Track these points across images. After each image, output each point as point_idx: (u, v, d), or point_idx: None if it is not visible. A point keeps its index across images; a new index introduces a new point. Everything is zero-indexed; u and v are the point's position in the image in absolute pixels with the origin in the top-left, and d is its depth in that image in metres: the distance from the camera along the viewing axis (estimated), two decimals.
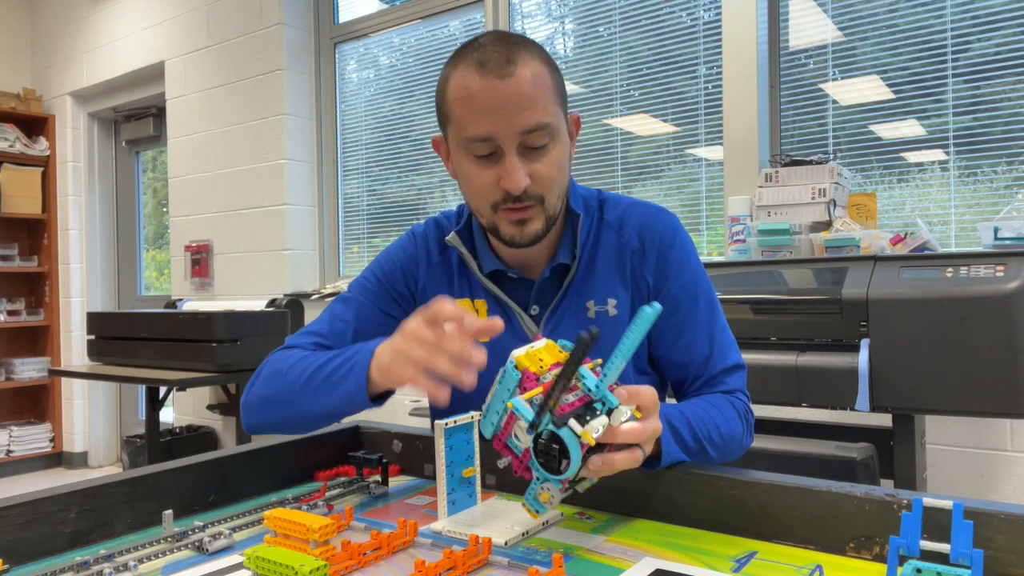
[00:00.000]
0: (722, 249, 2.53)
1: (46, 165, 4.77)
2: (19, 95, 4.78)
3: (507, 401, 0.74)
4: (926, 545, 0.63)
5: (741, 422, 1.01)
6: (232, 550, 0.79)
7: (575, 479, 0.73)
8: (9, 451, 4.57)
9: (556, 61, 1.02)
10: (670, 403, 0.95)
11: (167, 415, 4.02)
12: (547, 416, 0.71)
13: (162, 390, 3.43)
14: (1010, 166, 2.08)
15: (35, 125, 4.80)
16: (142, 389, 4.19)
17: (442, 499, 0.86)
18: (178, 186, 4.06)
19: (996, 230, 1.76)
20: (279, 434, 1.05)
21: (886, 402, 1.58)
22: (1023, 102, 2.07)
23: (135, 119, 4.62)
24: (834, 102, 2.35)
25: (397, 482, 1.05)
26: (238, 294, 3.77)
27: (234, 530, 0.83)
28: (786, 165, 2.11)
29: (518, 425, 0.74)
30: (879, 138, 2.28)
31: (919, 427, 1.70)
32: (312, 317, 3.39)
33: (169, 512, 0.82)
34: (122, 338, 3.37)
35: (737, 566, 0.72)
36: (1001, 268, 1.50)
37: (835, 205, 2.05)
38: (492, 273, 1.10)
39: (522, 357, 0.76)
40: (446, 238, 1.11)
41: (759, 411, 1.31)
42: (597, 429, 0.70)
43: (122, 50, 4.36)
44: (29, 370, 4.71)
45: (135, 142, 4.75)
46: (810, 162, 2.08)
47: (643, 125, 2.76)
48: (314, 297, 3.45)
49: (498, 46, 0.95)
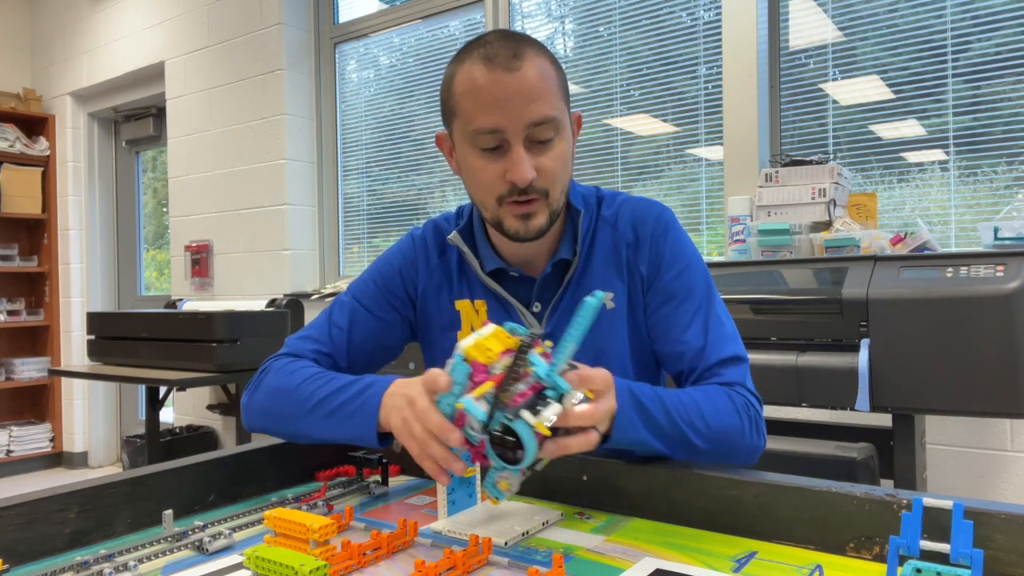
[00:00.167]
0: (722, 249, 2.53)
1: (46, 165, 4.77)
2: (19, 95, 4.78)
3: (459, 395, 0.73)
4: (926, 545, 0.63)
5: (739, 416, 0.95)
6: (232, 550, 0.79)
7: (533, 463, 0.74)
8: (9, 451, 4.57)
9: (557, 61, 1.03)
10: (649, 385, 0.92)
11: (167, 415, 4.02)
12: (501, 410, 0.71)
13: (162, 390, 3.43)
14: (1010, 166, 2.08)
15: (35, 125, 4.80)
16: (142, 389, 4.19)
17: (442, 499, 0.86)
18: (178, 186, 4.06)
19: (996, 230, 1.76)
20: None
21: (886, 402, 1.58)
22: (1023, 102, 2.07)
23: (135, 119, 4.62)
24: (834, 102, 2.35)
25: (397, 482, 1.05)
26: (238, 294, 3.77)
27: (234, 530, 0.83)
28: (786, 165, 2.11)
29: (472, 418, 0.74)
30: (879, 138, 2.28)
31: (919, 427, 1.70)
32: (312, 317, 3.40)
33: (169, 512, 0.82)
34: (122, 338, 3.37)
35: (737, 566, 0.72)
36: (1001, 268, 1.50)
37: (835, 205, 2.05)
38: (493, 272, 1.10)
39: (471, 348, 0.75)
40: (448, 237, 1.12)
41: None
42: (550, 418, 0.70)
43: (122, 50, 4.36)
44: (29, 370, 4.71)
45: (135, 142, 4.75)
46: (810, 162, 2.08)
47: (643, 125, 2.75)
48: (314, 297, 3.45)
49: (504, 42, 0.96)
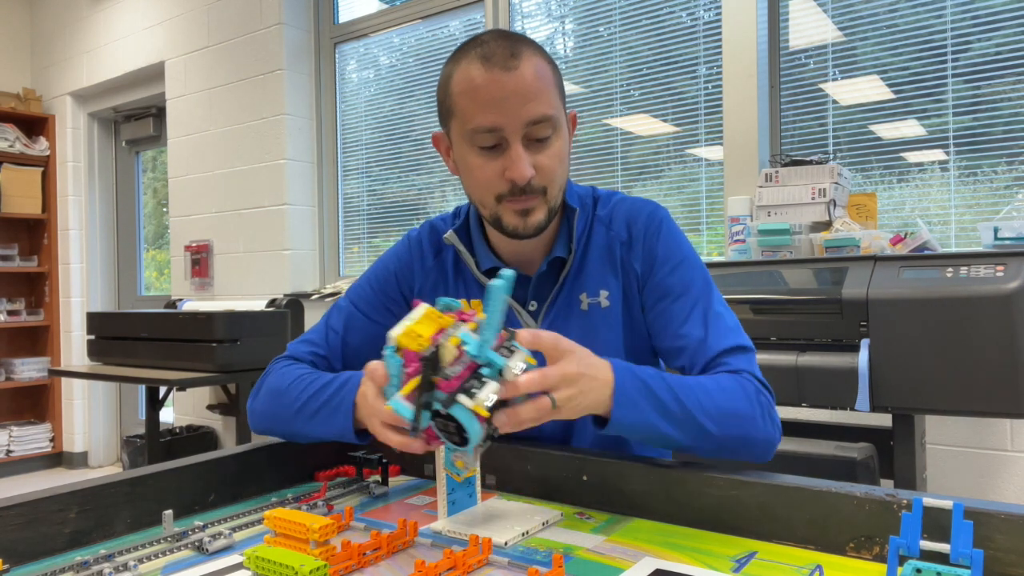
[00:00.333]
0: (722, 249, 2.53)
1: (46, 165, 4.77)
2: (19, 95, 4.78)
3: (397, 387, 0.72)
4: (926, 545, 0.63)
5: (750, 402, 0.92)
6: (232, 550, 0.79)
7: (486, 438, 0.73)
8: (9, 451, 4.57)
9: (556, 61, 1.03)
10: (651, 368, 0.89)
11: (167, 415, 4.02)
12: (436, 396, 0.70)
13: (162, 390, 3.43)
14: (1010, 166, 2.08)
15: (35, 125, 4.80)
16: (142, 389, 4.19)
17: (442, 499, 0.86)
18: (178, 186, 4.06)
19: (996, 230, 1.76)
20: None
21: (886, 402, 1.58)
22: (1023, 102, 2.07)
23: (135, 119, 4.62)
24: (834, 102, 2.35)
25: (397, 482, 1.05)
26: (238, 294, 3.77)
27: (234, 530, 0.83)
28: (786, 165, 2.11)
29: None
30: (879, 138, 2.28)
31: (919, 427, 1.70)
32: (312, 317, 3.41)
33: (169, 512, 0.82)
34: (122, 338, 3.37)
35: (737, 566, 0.72)
36: (1001, 268, 1.50)
37: (835, 205, 2.05)
38: (489, 271, 1.11)
39: (400, 336, 0.73)
40: (444, 236, 1.13)
41: None
42: (489, 397, 0.69)
43: (122, 50, 4.36)
44: (29, 370, 4.71)
45: (135, 142, 4.75)
46: (810, 162, 2.08)
47: (643, 125, 2.75)
48: (314, 297, 3.45)
49: (501, 41, 0.97)
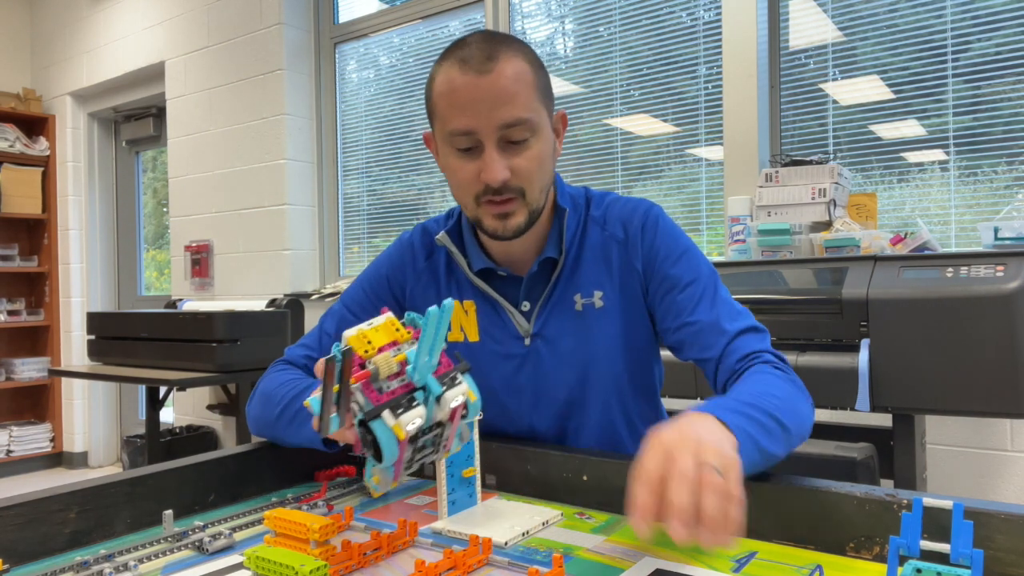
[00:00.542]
0: (722, 249, 2.53)
1: (46, 165, 4.77)
2: (19, 95, 4.78)
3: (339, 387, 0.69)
4: (926, 545, 0.63)
5: (799, 390, 0.92)
6: (232, 550, 0.79)
7: (409, 462, 0.71)
8: (9, 451, 4.57)
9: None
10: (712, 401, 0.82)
11: (167, 415, 4.02)
12: (363, 405, 0.68)
13: (162, 390, 3.42)
14: (1010, 166, 2.08)
15: (35, 125, 4.80)
16: (142, 389, 4.19)
17: (442, 499, 0.86)
18: (178, 186, 4.06)
19: (996, 230, 1.76)
20: None
21: (886, 402, 1.58)
22: (1023, 102, 2.07)
23: (135, 119, 4.61)
24: (834, 102, 2.35)
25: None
26: (238, 294, 3.77)
27: (234, 530, 0.83)
28: (786, 165, 2.11)
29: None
30: (879, 138, 2.28)
31: (919, 427, 1.70)
32: (312, 317, 3.41)
33: (169, 512, 0.82)
34: (122, 338, 3.37)
35: (737, 566, 0.72)
36: (1001, 268, 1.49)
37: (835, 205, 2.04)
38: (482, 272, 1.11)
39: (353, 337, 0.71)
40: (436, 237, 1.13)
41: None
42: (413, 421, 0.67)
43: (122, 50, 4.36)
44: (29, 370, 4.70)
45: (135, 142, 4.75)
46: (810, 162, 2.08)
47: (643, 125, 2.75)
48: (314, 297, 3.45)
49: (482, 44, 0.97)
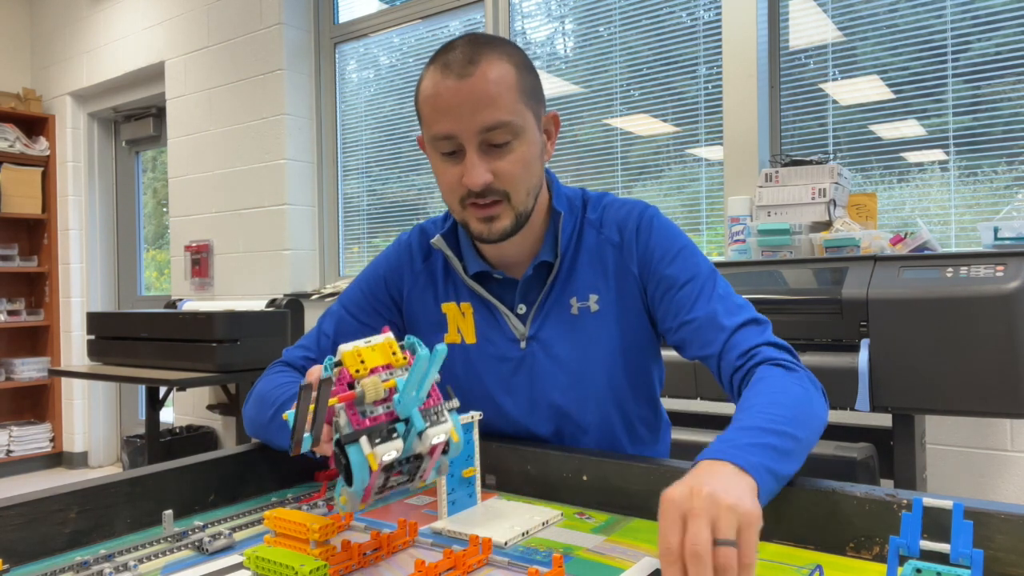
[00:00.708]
0: (722, 249, 2.53)
1: (46, 165, 4.77)
2: (19, 95, 4.78)
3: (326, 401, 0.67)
4: (926, 545, 0.63)
5: (806, 388, 0.88)
6: (232, 550, 0.79)
7: (380, 490, 0.70)
8: (9, 451, 4.57)
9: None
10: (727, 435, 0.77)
11: (167, 415, 4.02)
12: (343, 427, 0.66)
13: (162, 390, 3.42)
14: (1010, 166, 2.08)
15: (35, 125, 4.80)
16: (142, 389, 4.19)
17: (442, 499, 0.86)
18: (178, 186, 4.06)
19: (996, 230, 1.76)
20: None
21: (886, 402, 1.58)
22: (1023, 102, 2.07)
23: (135, 119, 4.62)
24: (834, 102, 2.35)
25: None
26: (238, 294, 3.77)
27: (234, 530, 0.83)
28: (786, 165, 2.11)
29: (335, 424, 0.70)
30: (879, 138, 2.28)
31: (919, 427, 1.70)
32: (312, 317, 3.41)
33: (169, 512, 0.82)
34: (122, 338, 3.37)
35: None
36: (1001, 268, 1.49)
37: (835, 205, 2.04)
38: (478, 275, 1.11)
39: (347, 353, 0.69)
40: (431, 241, 1.13)
41: None
42: (389, 453, 0.66)
43: (122, 50, 4.36)
44: (29, 370, 4.70)
45: (135, 142, 4.75)
46: (810, 162, 2.08)
47: (643, 125, 2.75)
48: (314, 297, 3.45)
49: (466, 48, 0.97)
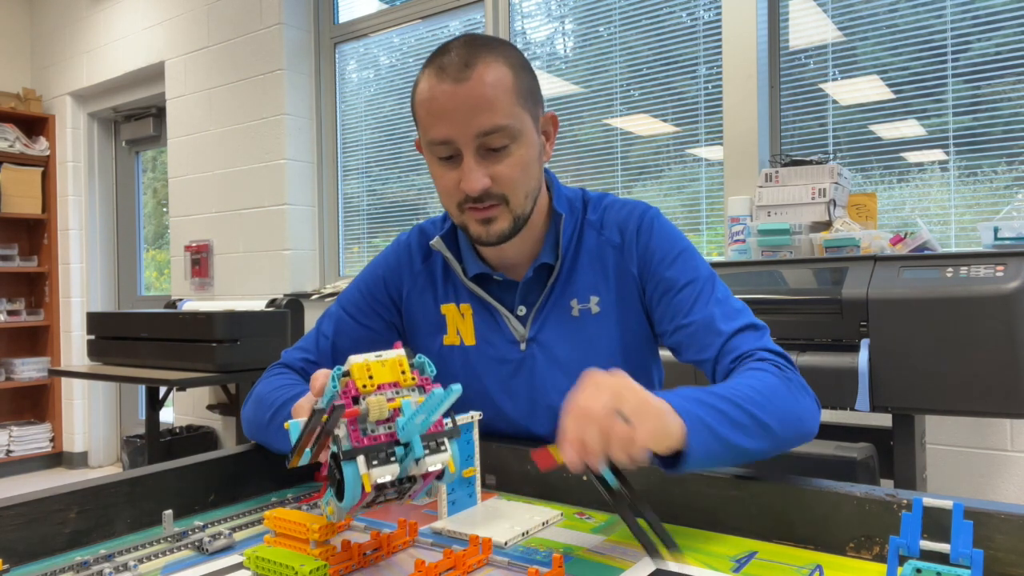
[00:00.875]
0: (722, 249, 2.53)
1: (46, 165, 4.77)
2: (19, 95, 4.78)
3: (324, 406, 0.66)
4: (926, 545, 0.63)
5: (790, 388, 0.89)
6: (232, 550, 0.79)
7: (373, 502, 0.69)
8: (9, 451, 4.57)
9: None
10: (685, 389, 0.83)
11: (167, 415, 4.02)
12: (342, 442, 0.65)
13: (162, 390, 3.42)
14: (1010, 166, 2.08)
15: (35, 125, 4.80)
16: (142, 389, 4.19)
17: (442, 499, 0.86)
18: (178, 186, 4.06)
19: (996, 230, 1.76)
20: None
21: (886, 402, 1.58)
22: (1023, 102, 2.07)
23: (135, 119, 4.62)
24: (834, 102, 2.35)
25: None
26: (238, 294, 3.77)
27: (234, 530, 0.83)
28: (786, 165, 2.11)
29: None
30: (879, 138, 2.28)
31: (919, 427, 1.70)
32: (312, 317, 3.41)
33: (169, 512, 0.82)
34: (122, 338, 3.37)
35: (737, 566, 0.72)
36: (1001, 268, 1.49)
37: (835, 205, 2.04)
38: (477, 276, 1.10)
39: (356, 365, 0.68)
40: (431, 242, 1.12)
41: None
42: (384, 476, 0.65)
43: (122, 50, 4.36)
44: (29, 370, 4.70)
45: (135, 142, 4.75)
46: (810, 162, 2.08)
47: (643, 125, 2.75)
48: (314, 297, 3.45)
49: (461, 51, 0.96)
